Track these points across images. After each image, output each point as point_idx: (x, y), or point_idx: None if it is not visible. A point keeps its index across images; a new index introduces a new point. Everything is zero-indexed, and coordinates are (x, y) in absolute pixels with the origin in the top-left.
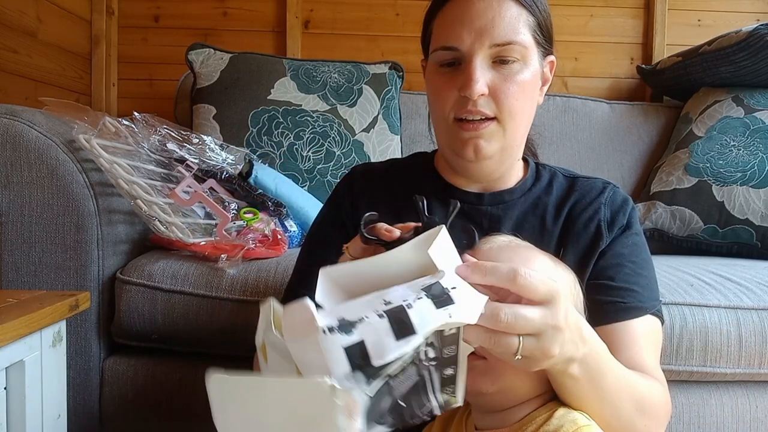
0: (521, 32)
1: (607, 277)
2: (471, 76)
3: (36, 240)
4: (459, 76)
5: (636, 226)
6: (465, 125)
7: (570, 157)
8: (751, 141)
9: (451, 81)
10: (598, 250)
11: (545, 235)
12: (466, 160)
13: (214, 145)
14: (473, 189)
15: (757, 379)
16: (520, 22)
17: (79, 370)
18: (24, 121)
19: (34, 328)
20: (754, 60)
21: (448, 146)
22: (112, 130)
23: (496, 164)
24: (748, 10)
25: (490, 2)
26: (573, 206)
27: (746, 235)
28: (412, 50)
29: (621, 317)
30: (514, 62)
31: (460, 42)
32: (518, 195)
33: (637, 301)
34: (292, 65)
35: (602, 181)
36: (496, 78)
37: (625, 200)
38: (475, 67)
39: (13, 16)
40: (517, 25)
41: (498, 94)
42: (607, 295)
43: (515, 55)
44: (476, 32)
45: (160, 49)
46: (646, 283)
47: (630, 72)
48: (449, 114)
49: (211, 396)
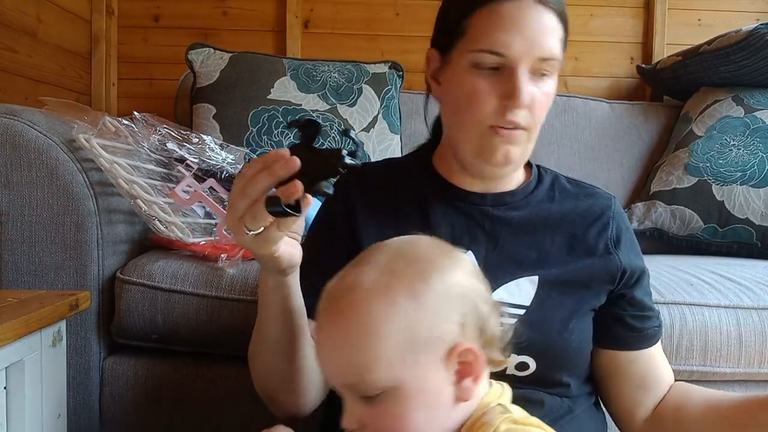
0: (559, 46)
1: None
2: (520, 87)
3: (36, 240)
4: (501, 84)
5: (634, 239)
6: (501, 131)
7: (570, 156)
8: (751, 140)
9: (491, 86)
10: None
11: (547, 239)
12: (492, 165)
13: (214, 145)
14: (475, 189)
15: (757, 379)
16: (558, 34)
17: (79, 370)
18: (24, 120)
19: (34, 327)
20: (754, 59)
21: (474, 150)
22: (112, 130)
23: (513, 168)
24: (748, 9)
25: (538, 11)
26: (577, 213)
27: (746, 235)
28: (412, 50)
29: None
30: (549, 76)
31: (510, 50)
32: (520, 197)
33: (653, 322)
34: (292, 65)
35: (603, 192)
36: (535, 91)
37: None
38: (522, 78)
39: (13, 16)
40: (557, 38)
41: (535, 107)
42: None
43: (552, 69)
44: (528, 43)
45: (160, 48)
46: (650, 301)
47: (630, 71)
48: (485, 120)
49: None
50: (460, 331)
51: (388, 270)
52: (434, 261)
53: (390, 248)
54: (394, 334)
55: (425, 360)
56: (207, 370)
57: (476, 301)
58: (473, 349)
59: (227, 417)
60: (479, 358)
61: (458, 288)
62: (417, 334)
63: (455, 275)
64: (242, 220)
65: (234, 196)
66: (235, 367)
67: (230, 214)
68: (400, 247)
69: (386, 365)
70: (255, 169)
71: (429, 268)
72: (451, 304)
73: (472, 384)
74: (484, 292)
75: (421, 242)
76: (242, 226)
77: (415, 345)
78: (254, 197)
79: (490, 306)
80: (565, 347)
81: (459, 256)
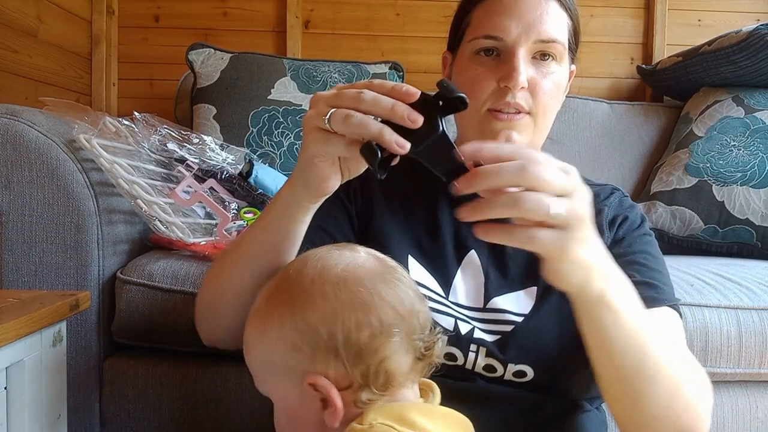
0: (562, 32)
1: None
2: (515, 67)
3: (36, 240)
4: (499, 67)
5: (646, 228)
6: (499, 116)
7: (570, 157)
8: (751, 141)
9: (489, 71)
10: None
11: None
12: None
13: (215, 145)
14: None
15: (757, 379)
16: (563, 22)
17: (79, 370)
18: (24, 120)
19: (35, 327)
20: (755, 60)
21: (476, 137)
22: (113, 130)
23: None
24: (749, 10)
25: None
26: None
27: (746, 235)
28: (412, 50)
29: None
30: (552, 60)
31: (506, 33)
32: None
33: (654, 292)
34: (293, 65)
35: (612, 187)
36: (535, 73)
37: (631, 205)
38: (519, 58)
39: (14, 16)
40: (561, 24)
41: (536, 89)
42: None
43: (555, 53)
44: (524, 25)
45: (160, 48)
46: (660, 278)
47: (630, 72)
48: (484, 104)
49: None
50: (314, 363)
51: (271, 295)
52: (311, 292)
53: (292, 269)
54: (258, 356)
55: (284, 384)
56: (207, 370)
57: (349, 336)
58: (323, 383)
59: (227, 417)
60: (331, 392)
61: (323, 323)
62: (273, 361)
63: (325, 308)
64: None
65: (342, 90)
66: (235, 367)
67: (324, 98)
68: (298, 270)
69: (258, 378)
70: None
71: (300, 299)
72: (308, 338)
73: (332, 414)
74: (368, 325)
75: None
76: (323, 115)
77: (274, 369)
78: (365, 107)
79: (380, 343)
80: (564, 355)
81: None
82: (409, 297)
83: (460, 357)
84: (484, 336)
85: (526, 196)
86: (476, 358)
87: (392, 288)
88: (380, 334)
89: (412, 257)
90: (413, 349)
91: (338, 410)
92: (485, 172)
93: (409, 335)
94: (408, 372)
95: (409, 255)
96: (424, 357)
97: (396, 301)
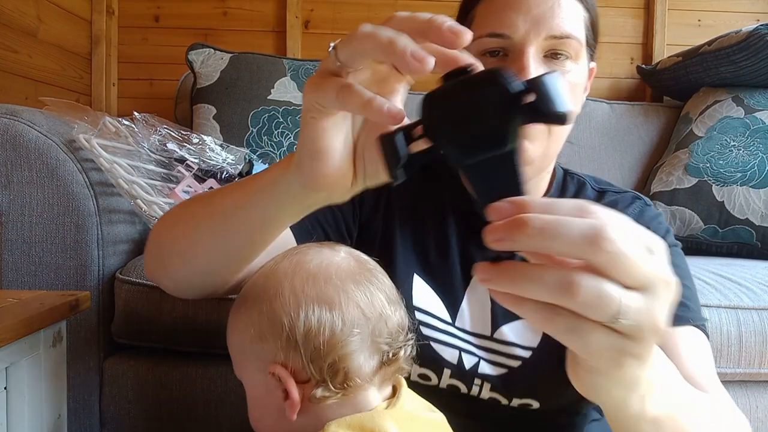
0: (578, 27)
1: None
2: (524, 68)
3: (36, 240)
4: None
5: (671, 239)
6: None
7: (570, 157)
8: (751, 141)
9: None
10: None
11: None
12: None
13: (215, 145)
14: None
15: (757, 379)
16: (578, 16)
17: (79, 370)
18: (24, 120)
19: (34, 328)
20: (754, 60)
21: None
22: (113, 130)
23: (534, 171)
24: (748, 10)
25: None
26: None
27: (746, 235)
28: None
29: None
30: (567, 59)
31: (513, 29)
32: None
33: (680, 310)
34: (293, 65)
35: (634, 195)
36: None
37: (654, 216)
38: (528, 58)
39: (14, 16)
40: (575, 18)
41: None
42: None
43: (570, 50)
44: (533, 20)
45: (160, 49)
46: (688, 293)
47: (630, 72)
48: None
49: None
50: (277, 354)
51: (251, 283)
52: (282, 284)
53: (273, 261)
54: (234, 342)
55: (252, 370)
56: (207, 370)
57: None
58: (281, 373)
59: (227, 417)
60: (288, 383)
61: (287, 316)
62: (244, 347)
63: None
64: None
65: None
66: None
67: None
68: (276, 262)
69: (234, 363)
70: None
71: (271, 290)
72: (273, 328)
73: (289, 406)
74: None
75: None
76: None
77: (245, 355)
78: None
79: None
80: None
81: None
82: (378, 299)
83: (464, 389)
84: (489, 371)
85: (589, 285)
86: (480, 391)
87: (362, 289)
88: (341, 332)
89: (418, 276)
90: (378, 352)
91: (295, 402)
92: (539, 225)
93: (372, 337)
94: (371, 374)
95: (414, 274)
96: (390, 361)
97: (363, 302)
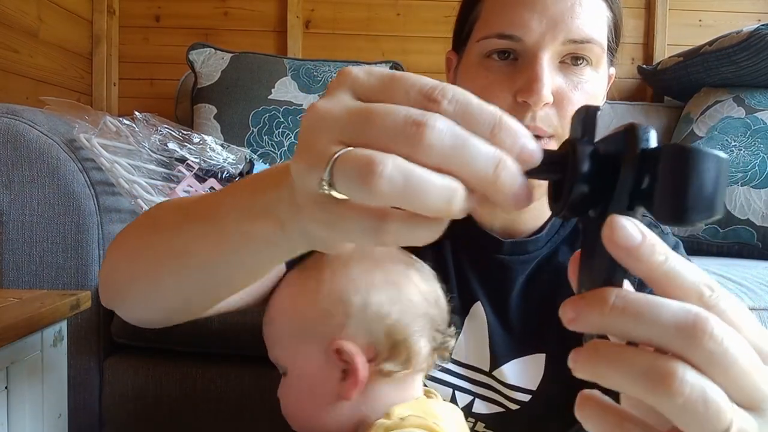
0: (600, 29)
1: None
2: (538, 76)
3: (37, 239)
4: (516, 75)
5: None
6: None
7: None
8: (752, 141)
9: (504, 79)
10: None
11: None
12: None
13: (215, 145)
14: (496, 225)
15: None
16: (601, 16)
17: (79, 370)
18: (25, 120)
19: (35, 327)
20: (755, 60)
21: None
22: (113, 130)
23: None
24: (749, 10)
25: None
26: None
27: (747, 236)
28: (413, 50)
29: None
30: (586, 66)
31: (526, 31)
32: (543, 243)
33: None
34: (293, 65)
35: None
36: (564, 83)
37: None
38: (543, 66)
39: (14, 16)
40: (598, 19)
41: (564, 105)
42: None
43: (590, 56)
44: (549, 21)
45: (160, 48)
46: None
47: (631, 72)
48: None
49: None
50: (343, 330)
51: (306, 267)
52: (349, 263)
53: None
54: (285, 323)
55: (307, 351)
56: (207, 370)
57: (381, 308)
58: (347, 348)
59: (227, 417)
60: (356, 359)
61: (357, 293)
62: (302, 327)
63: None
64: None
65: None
66: (235, 367)
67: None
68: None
69: (278, 346)
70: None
71: (339, 269)
72: (341, 306)
73: (351, 384)
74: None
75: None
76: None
77: (300, 335)
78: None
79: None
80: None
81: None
82: (435, 288)
83: None
84: (483, 409)
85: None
86: (473, 427)
87: (421, 276)
88: (409, 311)
89: None
90: (432, 339)
91: (360, 380)
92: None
93: (431, 323)
94: (425, 358)
95: None
96: (439, 349)
97: (423, 288)
